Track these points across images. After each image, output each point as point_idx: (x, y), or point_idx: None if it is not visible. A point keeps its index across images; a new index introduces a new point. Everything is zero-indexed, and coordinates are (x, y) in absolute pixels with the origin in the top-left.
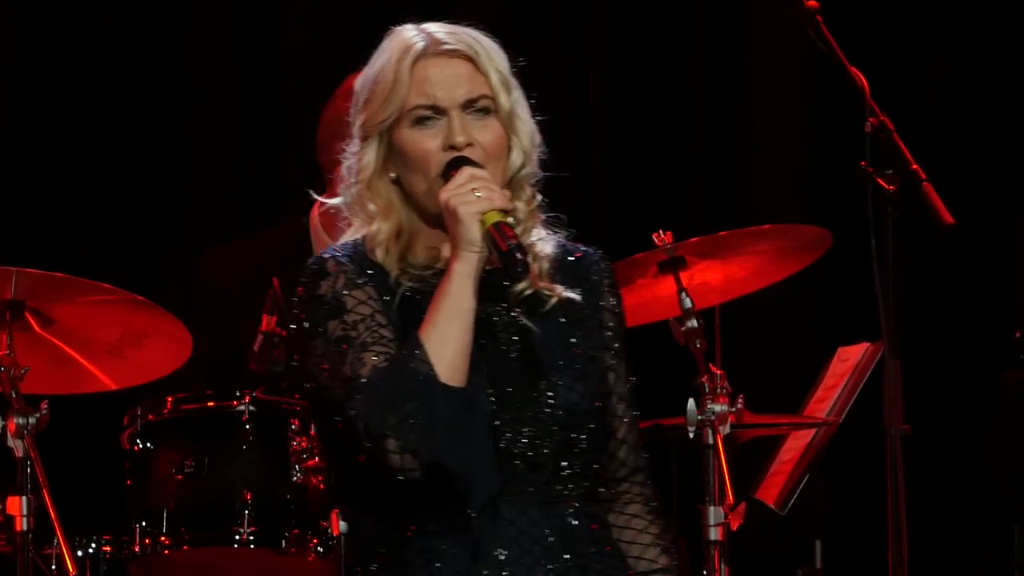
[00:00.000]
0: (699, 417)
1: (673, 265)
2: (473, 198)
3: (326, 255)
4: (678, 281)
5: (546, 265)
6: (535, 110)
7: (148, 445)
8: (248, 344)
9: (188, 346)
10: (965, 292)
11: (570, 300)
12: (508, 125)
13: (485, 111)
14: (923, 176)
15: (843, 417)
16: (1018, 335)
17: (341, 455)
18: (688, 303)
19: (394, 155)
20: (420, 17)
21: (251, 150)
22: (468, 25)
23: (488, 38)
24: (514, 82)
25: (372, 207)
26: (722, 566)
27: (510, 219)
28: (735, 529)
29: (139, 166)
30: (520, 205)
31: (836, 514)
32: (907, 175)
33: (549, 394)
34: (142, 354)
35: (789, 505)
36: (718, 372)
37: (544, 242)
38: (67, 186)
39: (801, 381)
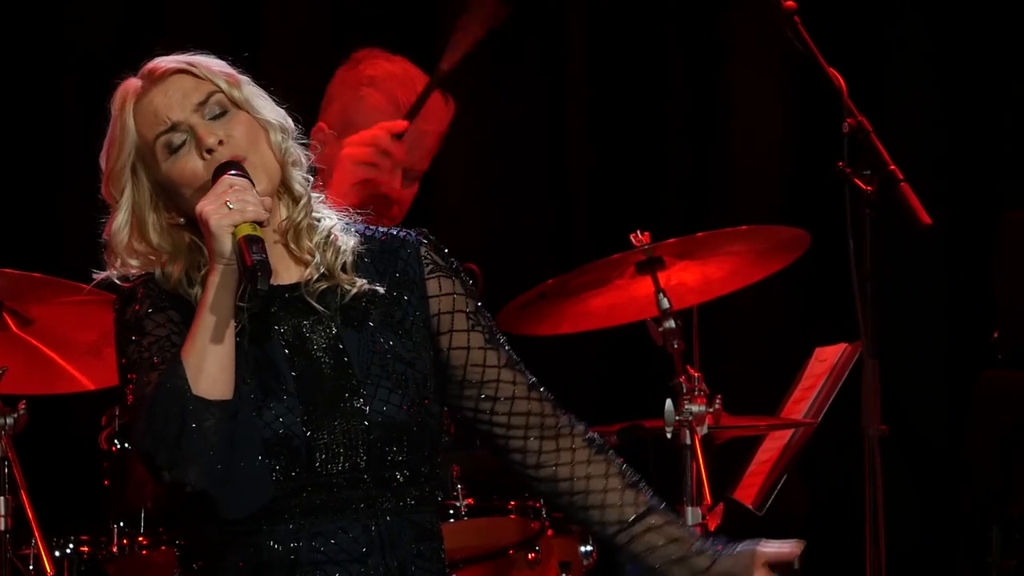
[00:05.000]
0: (677, 418)
1: (651, 265)
2: (225, 210)
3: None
4: (656, 281)
5: (350, 258)
6: (516, 107)
7: (126, 445)
8: None
9: None
10: (943, 292)
11: (387, 302)
12: (253, 111)
13: (223, 109)
14: (900, 176)
15: (821, 418)
16: (996, 335)
17: None
18: (666, 304)
19: (167, 197)
20: (401, 16)
21: None
22: (193, 52)
23: (205, 55)
24: (246, 79)
25: (152, 258)
26: None
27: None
28: (713, 529)
29: None
30: (297, 177)
31: (814, 514)
32: (885, 176)
33: (363, 409)
34: None
35: (767, 505)
36: (695, 373)
37: (346, 232)
38: (47, 185)
39: (779, 381)
